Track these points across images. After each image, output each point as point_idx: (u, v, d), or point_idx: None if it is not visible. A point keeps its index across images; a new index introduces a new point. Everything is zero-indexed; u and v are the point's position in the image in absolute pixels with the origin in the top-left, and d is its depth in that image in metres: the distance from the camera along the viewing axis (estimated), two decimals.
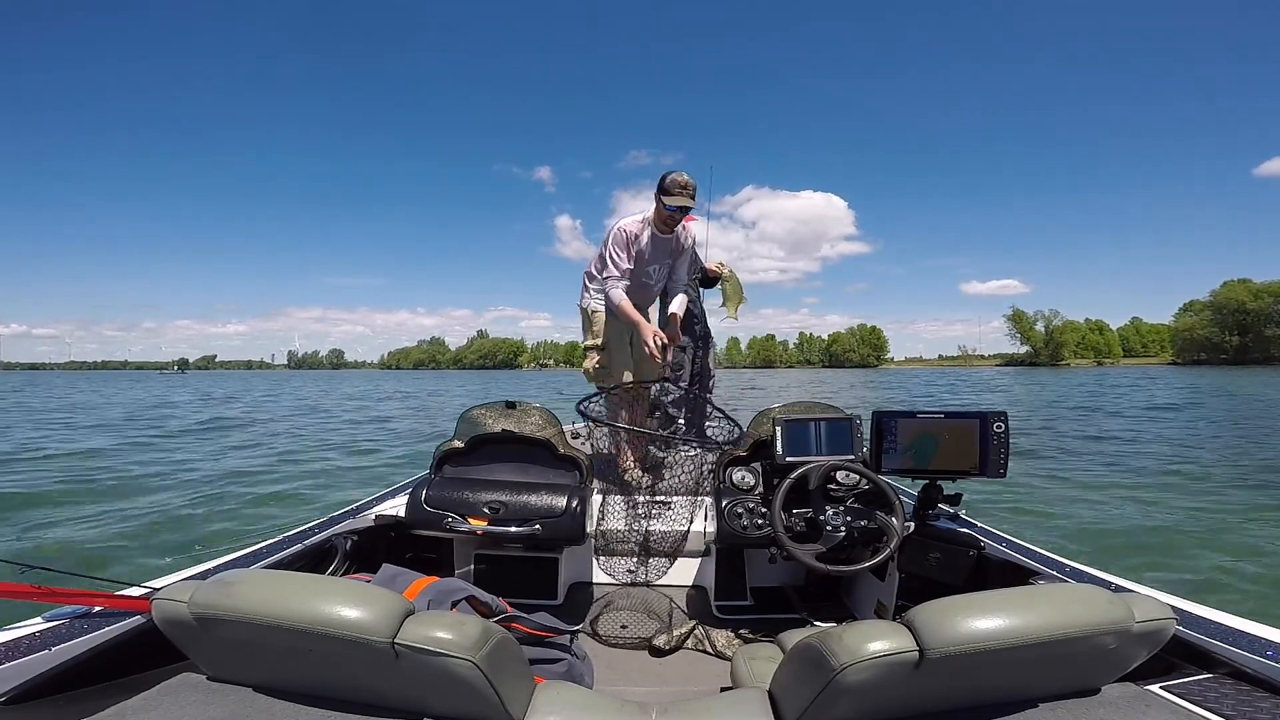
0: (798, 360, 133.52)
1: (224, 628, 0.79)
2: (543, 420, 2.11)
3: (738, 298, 3.38)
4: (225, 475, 6.76)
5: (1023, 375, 50.19)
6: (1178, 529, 4.43)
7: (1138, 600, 0.84)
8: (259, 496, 5.71)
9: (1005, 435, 1.65)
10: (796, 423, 1.86)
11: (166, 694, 0.83)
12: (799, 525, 1.73)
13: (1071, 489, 5.83)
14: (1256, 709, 0.85)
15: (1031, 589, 1.05)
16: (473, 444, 2.04)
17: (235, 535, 4.28)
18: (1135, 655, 0.86)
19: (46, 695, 0.89)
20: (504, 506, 1.81)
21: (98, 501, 5.35)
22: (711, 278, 3.40)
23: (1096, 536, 4.30)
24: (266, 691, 0.83)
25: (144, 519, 4.74)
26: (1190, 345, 77.93)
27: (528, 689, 0.86)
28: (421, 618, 0.78)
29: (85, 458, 7.97)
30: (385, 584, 1.21)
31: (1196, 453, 7.98)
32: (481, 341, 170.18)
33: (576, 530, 1.81)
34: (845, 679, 0.73)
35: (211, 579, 0.84)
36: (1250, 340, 72.40)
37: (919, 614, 0.76)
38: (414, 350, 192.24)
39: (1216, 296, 76.69)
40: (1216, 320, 75.33)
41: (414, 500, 1.83)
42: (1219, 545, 4.02)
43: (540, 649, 1.23)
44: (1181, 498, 5.40)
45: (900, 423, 1.72)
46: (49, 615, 1.01)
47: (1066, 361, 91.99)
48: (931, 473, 1.73)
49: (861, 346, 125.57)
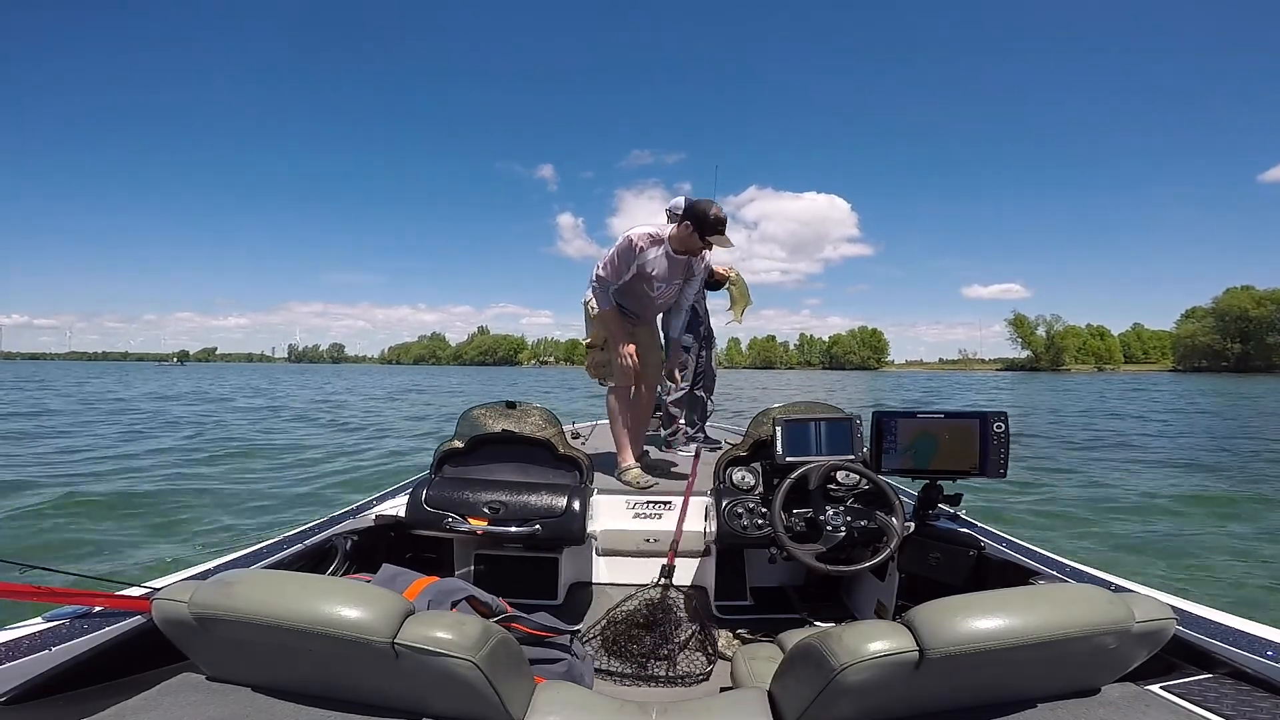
0: (798, 362, 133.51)
1: (224, 628, 0.79)
2: (543, 420, 2.11)
3: (744, 301, 3.37)
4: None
5: (1024, 380, 49.99)
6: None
7: (1138, 600, 0.84)
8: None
9: (1005, 435, 1.65)
10: (796, 423, 1.86)
11: (166, 694, 0.83)
12: (799, 525, 1.73)
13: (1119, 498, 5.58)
14: (1256, 709, 0.85)
15: (1031, 589, 1.05)
16: (473, 444, 2.04)
17: (235, 535, 4.28)
18: (1135, 655, 0.86)
19: (46, 695, 0.89)
20: (504, 506, 1.81)
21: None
22: (718, 281, 3.40)
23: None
24: (266, 691, 0.83)
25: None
26: (1192, 352, 77.69)
27: (528, 689, 0.86)
28: (421, 618, 0.78)
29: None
30: (385, 584, 1.21)
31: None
32: (482, 338, 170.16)
33: (576, 530, 1.81)
34: (845, 679, 0.73)
35: (211, 579, 0.84)
36: (1252, 348, 72.12)
37: (919, 614, 0.76)
38: (414, 346, 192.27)
39: (1219, 303, 76.56)
40: (1219, 327, 75.09)
41: (414, 500, 1.83)
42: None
43: (540, 649, 1.23)
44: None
45: (900, 423, 1.72)
46: (49, 615, 1.01)
47: (1067, 367, 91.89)
48: (931, 473, 1.73)
49: (862, 349, 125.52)
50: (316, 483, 6.14)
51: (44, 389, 22.92)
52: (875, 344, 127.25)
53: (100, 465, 6.73)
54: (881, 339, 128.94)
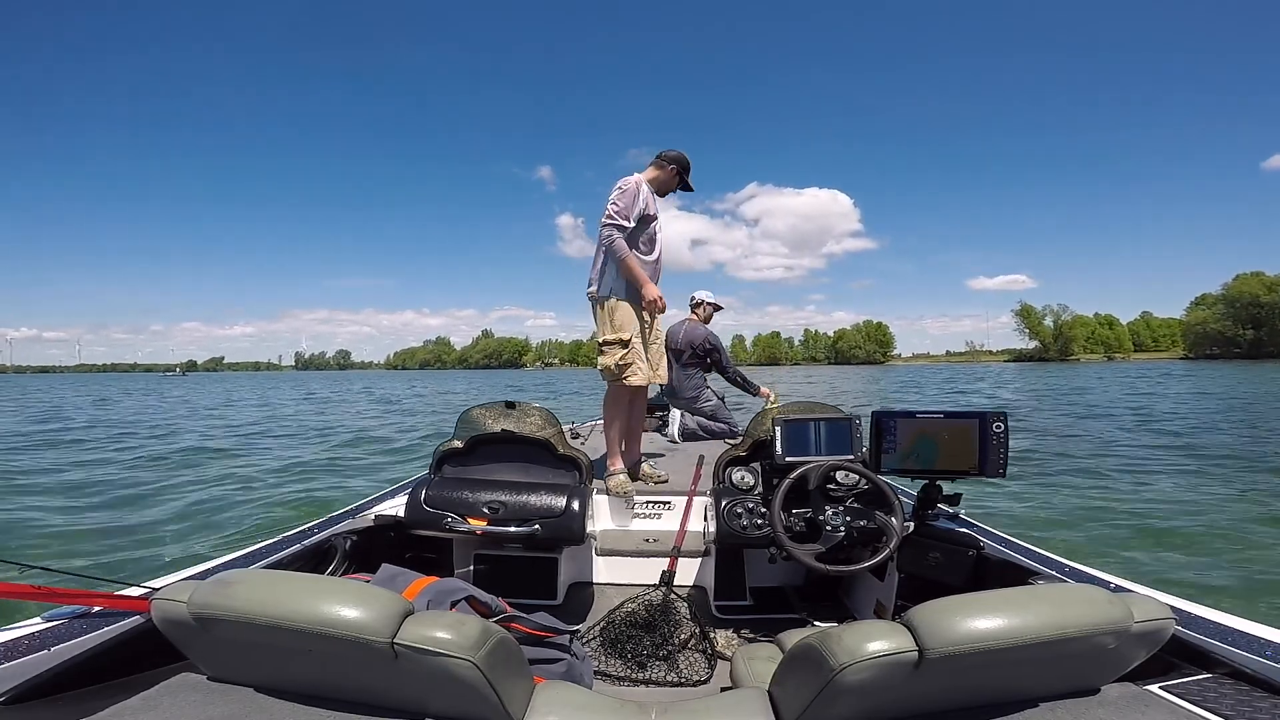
0: (803, 358, 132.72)
1: (223, 628, 0.79)
2: (542, 420, 2.11)
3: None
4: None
5: (1034, 371, 49.20)
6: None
7: (1137, 600, 0.84)
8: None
9: (1004, 435, 1.65)
10: (796, 423, 1.86)
11: (166, 694, 0.83)
12: (798, 525, 1.73)
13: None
14: (1255, 709, 0.84)
15: (1031, 589, 1.04)
16: (472, 444, 2.04)
17: (235, 535, 4.30)
18: (1134, 655, 0.86)
19: (46, 695, 0.89)
20: (503, 506, 1.81)
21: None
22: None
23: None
24: (266, 691, 0.83)
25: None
26: (1203, 340, 76.52)
27: (527, 689, 0.86)
28: (421, 618, 0.78)
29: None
30: (384, 584, 1.21)
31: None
32: (486, 341, 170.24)
33: (576, 530, 1.81)
34: (844, 679, 0.73)
35: (210, 579, 0.84)
36: (1265, 334, 70.73)
37: (918, 614, 0.76)
38: (419, 350, 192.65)
39: (1229, 290, 75.27)
40: (1229, 314, 73.75)
41: (413, 500, 1.83)
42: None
43: (539, 649, 1.23)
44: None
45: (899, 423, 1.72)
46: (48, 615, 1.01)
47: (1076, 357, 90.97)
48: (931, 473, 1.73)
49: (868, 343, 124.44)
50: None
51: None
52: (881, 338, 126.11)
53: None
54: (887, 333, 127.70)
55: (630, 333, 2.37)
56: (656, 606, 1.84)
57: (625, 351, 2.36)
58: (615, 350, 2.36)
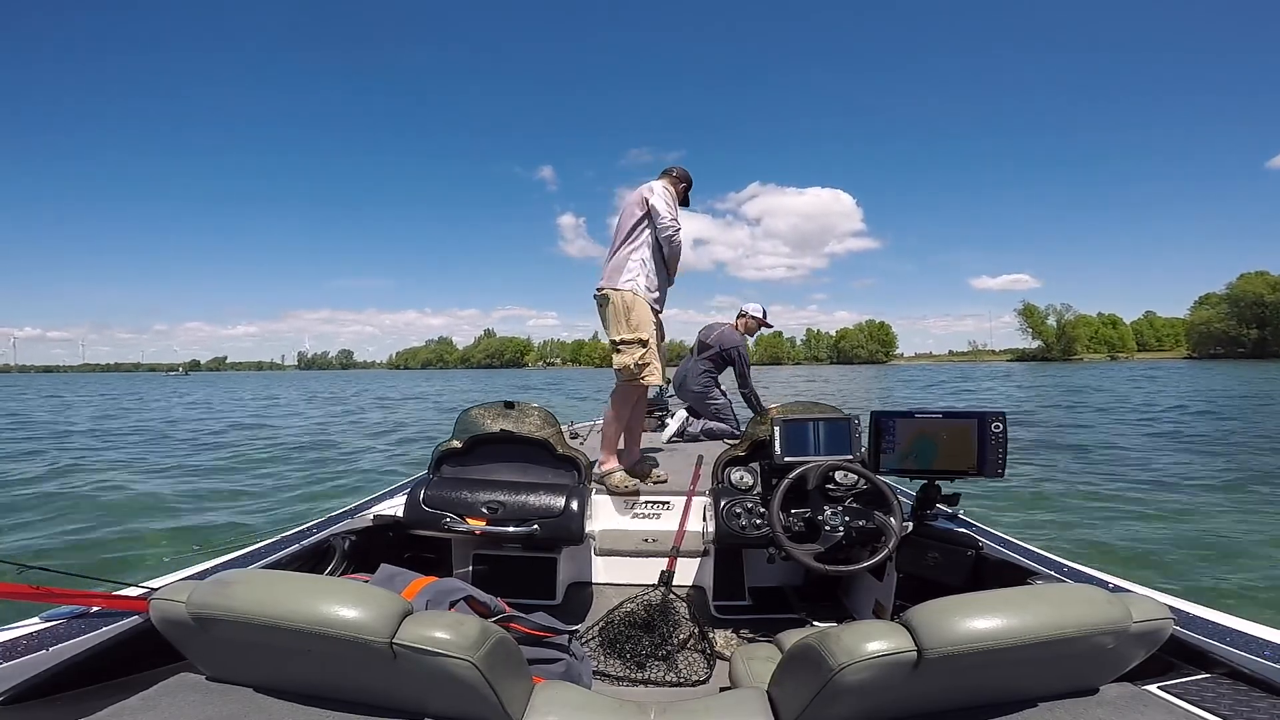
0: (805, 357, 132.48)
1: (222, 628, 0.79)
2: (541, 420, 2.11)
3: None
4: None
5: (1035, 370, 48.99)
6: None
7: (1135, 600, 0.84)
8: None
9: (1003, 435, 1.65)
10: (795, 423, 1.86)
11: (165, 694, 0.83)
12: (797, 525, 1.73)
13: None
14: (1254, 709, 0.84)
15: (1030, 589, 1.05)
16: (471, 444, 2.04)
17: (234, 535, 4.30)
18: (1133, 655, 0.86)
19: (44, 695, 0.89)
20: (502, 506, 1.81)
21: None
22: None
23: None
24: (265, 691, 0.83)
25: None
26: (1207, 339, 76.09)
27: (526, 689, 0.86)
28: (419, 618, 0.78)
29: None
30: (383, 584, 1.21)
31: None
32: (488, 341, 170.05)
33: (575, 530, 1.81)
34: (843, 679, 0.73)
35: (209, 579, 0.84)
36: (1269, 333, 70.39)
37: (917, 614, 0.77)
38: (422, 350, 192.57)
39: (1233, 289, 74.92)
40: (1234, 313, 73.39)
41: (412, 500, 1.83)
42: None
43: (538, 649, 1.23)
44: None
45: (898, 423, 1.72)
46: (46, 615, 1.01)
47: (1079, 356, 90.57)
48: (930, 473, 1.73)
49: (870, 343, 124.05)
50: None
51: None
52: (883, 338, 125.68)
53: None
54: (889, 332, 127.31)
55: (648, 332, 2.41)
56: (655, 606, 1.84)
57: (644, 351, 2.39)
58: (635, 349, 2.38)
